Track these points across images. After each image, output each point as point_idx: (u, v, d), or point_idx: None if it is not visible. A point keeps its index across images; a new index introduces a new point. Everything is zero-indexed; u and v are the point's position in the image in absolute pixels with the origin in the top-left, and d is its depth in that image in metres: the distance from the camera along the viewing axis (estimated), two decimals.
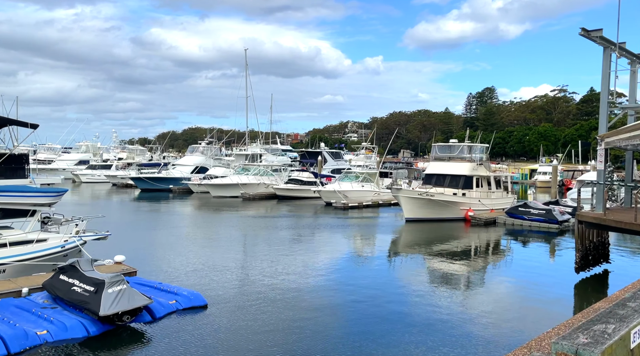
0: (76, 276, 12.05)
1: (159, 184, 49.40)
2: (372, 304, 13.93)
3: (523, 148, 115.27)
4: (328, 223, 30.97)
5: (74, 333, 10.71)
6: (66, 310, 11.70)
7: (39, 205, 15.20)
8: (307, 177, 45.30)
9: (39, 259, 14.34)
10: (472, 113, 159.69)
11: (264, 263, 18.65)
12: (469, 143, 33.83)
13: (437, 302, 14.23)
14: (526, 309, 13.96)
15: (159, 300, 12.75)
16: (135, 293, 11.75)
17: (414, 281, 16.78)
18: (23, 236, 14.40)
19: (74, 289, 11.78)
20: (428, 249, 22.87)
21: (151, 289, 13.64)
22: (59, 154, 74.25)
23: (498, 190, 34.10)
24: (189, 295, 13.26)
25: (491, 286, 16.86)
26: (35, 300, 12.32)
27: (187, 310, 12.86)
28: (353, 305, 13.78)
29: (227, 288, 15.15)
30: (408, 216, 30.29)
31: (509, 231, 28.38)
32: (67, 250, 15.41)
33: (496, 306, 14.12)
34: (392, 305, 13.88)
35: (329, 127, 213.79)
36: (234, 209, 37.00)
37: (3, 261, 13.56)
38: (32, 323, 10.86)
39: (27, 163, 18.33)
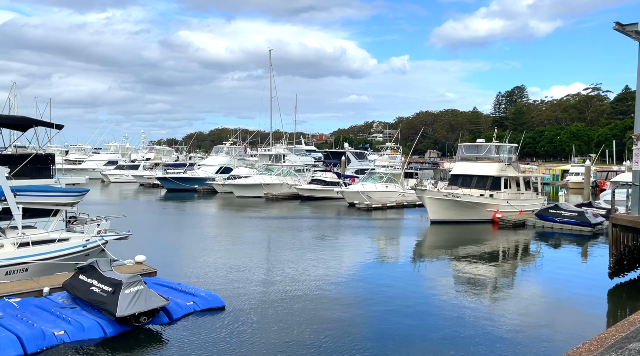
0: (95, 277, 12.03)
1: (184, 184, 49.85)
2: (395, 308, 13.52)
3: (554, 148, 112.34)
4: (350, 224, 30.60)
5: (91, 334, 10.66)
6: (85, 310, 11.68)
7: (61, 205, 15.33)
8: (330, 177, 44.99)
9: (61, 259, 14.44)
10: (502, 112, 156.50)
11: (284, 265, 18.43)
12: (496, 143, 32.91)
13: (463, 308, 13.73)
14: (556, 317, 13.35)
15: (176, 301, 12.64)
16: (153, 294, 11.65)
17: (439, 286, 16.32)
18: (45, 236, 14.52)
19: (92, 290, 11.76)
20: (454, 252, 22.27)
21: (169, 290, 13.56)
22: (89, 155, 75.87)
23: (527, 191, 33.08)
24: (206, 296, 13.11)
25: (519, 291, 16.22)
26: (56, 300, 12.35)
27: (205, 311, 12.71)
28: (376, 310, 13.40)
29: (246, 289, 14.96)
30: (433, 217, 29.65)
31: (539, 233, 27.46)
32: (89, 250, 15.49)
33: (525, 313, 13.53)
34: (416, 309, 13.46)
35: (354, 128, 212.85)
36: (256, 210, 36.97)
37: (25, 260, 13.66)
38: (51, 323, 10.85)
39: (52, 163, 18.59)
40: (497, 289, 16.27)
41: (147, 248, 20.67)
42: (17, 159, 17.75)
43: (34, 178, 17.86)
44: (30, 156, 17.72)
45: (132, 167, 62.21)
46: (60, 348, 10.11)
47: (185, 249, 21.31)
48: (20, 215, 14.03)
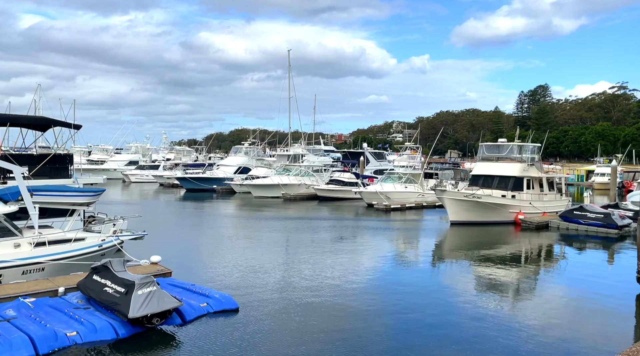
0: (108, 277, 11.96)
1: (203, 184, 50.05)
2: (414, 314, 13.15)
3: (579, 148, 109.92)
4: (368, 225, 30.22)
5: (103, 335, 10.56)
6: (98, 311, 11.61)
7: (77, 205, 15.34)
8: (348, 178, 44.61)
9: (77, 259, 14.43)
10: (524, 112, 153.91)
11: (300, 267, 18.19)
12: (519, 142, 32.12)
13: (484, 313, 13.30)
14: (581, 325, 12.82)
15: (190, 302, 12.50)
16: (165, 295, 11.52)
17: (459, 290, 15.87)
18: (61, 235, 14.54)
19: (105, 290, 11.68)
20: (475, 255, 21.74)
21: (183, 291, 13.44)
22: (111, 155, 76.91)
23: (551, 192, 32.23)
24: (220, 298, 12.94)
25: (542, 296, 15.69)
26: (70, 300, 12.32)
27: (218, 313, 12.54)
28: (394, 313, 13.06)
29: (261, 291, 14.75)
30: (453, 218, 29.09)
31: (563, 236, 26.70)
32: (104, 250, 15.48)
33: (548, 318, 13.03)
34: (436, 317, 13.03)
35: (374, 128, 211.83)
36: (273, 210, 36.84)
37: (41, 260, 13.68)
38: (64, 323, 10.79)
39: (71, 163, 18.75)
40: (519, 294, 15.79)
41: (163, 248, 20.66)
42: (36, 159, 17.97)
43: (52, 177, 18.06)
44: (49, 156, 17.91)
45: (153, 168, 62.77)
46: (72, 350, 10.03)
47: (201, 250, 21.25)
48: (37, 215, 14.07)
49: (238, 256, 20.00)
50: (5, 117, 17.05)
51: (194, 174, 52.16)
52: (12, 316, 10.83)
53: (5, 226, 13.63)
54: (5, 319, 10.65)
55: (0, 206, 13.63)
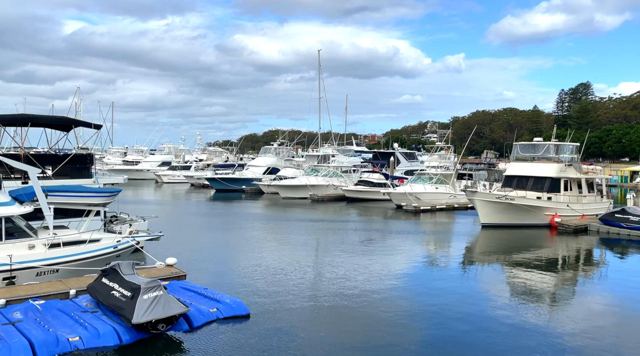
0: (116, 280, 11.67)
1: (232, 184, 50.10)
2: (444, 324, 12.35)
3: (623, 148, 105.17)
4: (394, 227, 29.36)
5: (106, 341, 10.24)
6: (106, 315, 11.33)
7: (93, 205, 15.20)
8: (377, 178, 43.71)
9: (91, 260, 14.26)
10: (565, 111, 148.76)
11: (320, 272, 17.58)
12: (555, 142, 30.53)
13: (519, 321, 12.61)
14: (623, 333, 11.97)
15: (200, 307, 12.09)
16: (172, 300, 11.13)
17: (491, 295, 15.11)
18: (76, 236, 14.40)
19: (113, 294, 11.39)
20: (507, 259, 20.72)
21: (195, 295, 13.05)
22: (146, 156, 78.29)
23: (591, 194, 30.53)
24: (231, 303, 12.47)
25: (582, 303, 14.79)
26: (80, 303, 12.10)
27: (228, 319, 12.07)
28: (421, 325, 12.29)
29: (276, 296, 14.20)
30: (484, 221, 27.89)
31: (603, 240, 25.17)
32: (120, 251, 15.27)
33: (588, 327, 12.19)
34: (467, 326, 12.25)
35: (407, 128, 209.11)
36: (300, 211, 36.35)
37: (53, 262, 13.56)
38: (68, 327, 10.54)
39: (91, 163, 18.72)
40: (556, 301, 14.93)
41: (183, 249, 20.46)
42: (57, 159, 18.01)
43: (73, 177, 18.08)
44: (69, 156, 17.93)
45: (185, 168, 63.45)
46: (73, 355, 9.74)
47: (220, 252, 20.90)
48: (52, 216, 13.97)
49: (258, 259, 19.56)
50: (26, 117, 17.16)
51: (223, 174, 52.33)
52: (17, 319, 10.66)
53: (20, 227, 13.57)
54: (11, 322, 10.47)
55: (16, 207, 13.58)
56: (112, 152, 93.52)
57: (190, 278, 15.01)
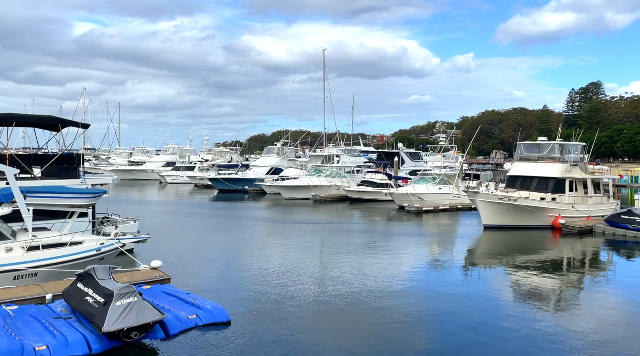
0: (90, 285, 11.22)
1: (235, 185, 49.75)
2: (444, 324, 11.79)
3: (634, 148, 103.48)
4: (395, 229, 28.76)
5: (75, 350, 9.80)
6: (79, 322, 10.89)
7: (75, 206, 14.78)
8: (380, 179, 43.10)
9: (73, 263, 13.84)
10: (575, 110, 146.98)
11: (316, 273, 17.02)
12: (560, 141, 29.73)
13: (525, 321, 12.46)
14: (632, 336, 11.67)
15: (179, 313, 11.62)
16: (147, 307, 10.65)
17: (494, 298, 14.67)
18: (57, 239, 14.00)
19: (86, 300, 10.94)
20: (509, 261, 20.13)
21: (176, 301, 12.59)
22: (151, 156, 78.25)
23: (597, 195, 29.70)
24: (211, 309, 11.98)
25: (587, 306, 14.29)
26: (55, 309, 11.69)
27: (208, 326, 11.58)
28: (420, 324, 11.73)
29: (261, 302, 13.67)
30: (486, 222, 27.20)
31: (609, 242, 24.42)
32: (103, 254, 14.84)
33: (594, 329, 11.94)
34: (469, 331, 11.79)
35: (416, 128, 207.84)
36: (301, 212, 35.84)
37: (34, 265, 13.17)
38: (37, 335, 10.11)
39: (79, 164, 18.35)
40: (560, 304, 14.55)
41: (172, 251, 20.07)
42: (44, 159, 17.67)
43: (60, 178, 17.71)
44: (55, 156, 17.58)
45: (188, 168, 63.24)
46: None
47: (209, 255, 20.27)
48: (31, 217, 13.58)
49: (249, 262, 19.07)
50: (10, 116, 16.84)
51: (226, 175, 52.00)
52: None
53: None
54: None
55: None
56: (119, 153, 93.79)
57: (174, 281, 14.58)
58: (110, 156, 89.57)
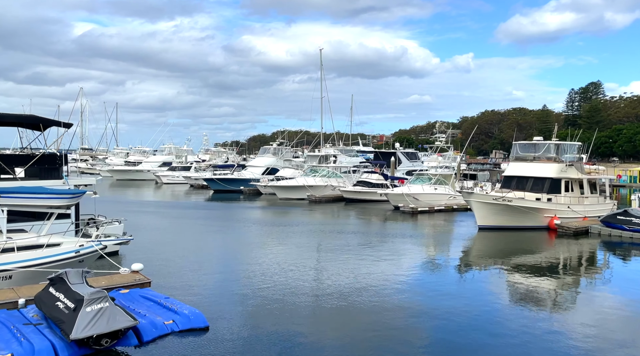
0: (62, 290, 10.83)
1: (230, 185, 49.36)
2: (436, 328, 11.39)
3: (634, 148, 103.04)
4: (388, 230, 28.39)
5: None
6: (50, 328, 10.51)
7: (53, 207, 14.38)
8: (376, 179, 42.69)
9: (49, 266, 13.45)
10: (575, 110, 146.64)
11: (302, 277, 16.59)
12: (556, 141, 29.31)
13: (520, 322, 12.35)
14: (627, 338, 11.48)
15: (155, 319, 11.22)
16: (119, 313, 10.26)
17: (489, 302, 14.30)
18: (33, 240, 13.62)
19: (57, 305, 10.56)
20: (505, 263, 19.82)
21: (154, 305, 12.20)
22: (148, 156, 77.86)
23: (593, 195, 29.30)
24: (189, 315, 11.59)
25: (582, 308, 14.13)
26: (27, 314, 11.31)
27: (185, 332, 11.18)
28: (412, 329, 11.32)
29: (243, 307, 13.29)
30: (481, 223, 26.81)
31: (605, 243, 24.04)
32: (83, 256, 14.44)
33: (588, 330, 11.74)
34: (463, 327, 11.57)
35: (416, 128, 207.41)
36: (295, 213, 35.44)
37: (7, 267, 12.78)
38: (3, 343, 9.73)
39: (61, 163, 17.97)
40: (554, 305, 14.35)
41: (156, 253, 19.68)
42: (25, 160, 17.29)
43: (42, 178, 17.33)
44: (37, 157, 17.20)
45: (185, 169, 62.86)
46: None
47: (195, 257, 19.53)
48: (5, 218, 13.20)
49: (235, 264, 18.68)
50: None
51: (222, 175, 51.61)
52: None
53: None
54: None
55: None
56: (116, 153, 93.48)
57: (156, 285, 14.21)
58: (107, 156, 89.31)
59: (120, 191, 52.83)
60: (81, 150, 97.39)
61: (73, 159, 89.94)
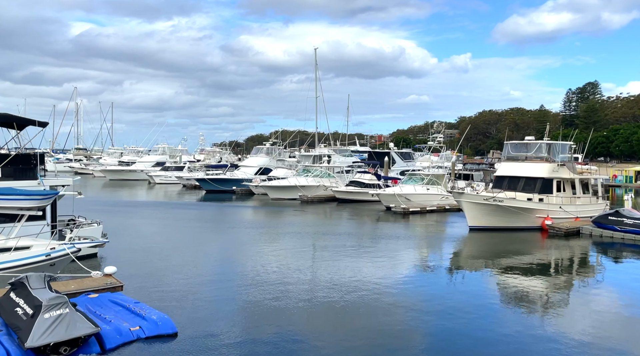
0: (22, 295, 10.41)
1: (222, 185, 48.88)
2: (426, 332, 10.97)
3: (631, 148, 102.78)
4: (377, 230, 27.96)
5: None
6: (8, 336, 10.07)
7: (25, 209, 13.94)
8: (369, 179, 42.27)
9: (16, 270, 12.99)
10: (572, 110, 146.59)
11: (282, 281, 16.15)
12: (547, 140, 28.90)
13: (509, 324, 12.29)
14: (617, 339, 11.33)
15: (121, 325, 10.79)
16: (79, 320, 9.83)
17: (479, 304, 13.99)
18: (1, 243, 13.17)
19: (16, 311, 10.14)
20: (496, 264, 19.53)
21: (122, 311, 11.76)
22: (141, 156, 77.33)
23: (585, 195, 28.92)
24: (157, 320, 11.15)
25: (576, 309, 13.92)
26: None
27: (152, 338, 10.74)
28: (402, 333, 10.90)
29: (215, 312, 12.84)
30: (472, 224, 26.41)
31: (596, 243, 23.68)
32: (53, 259, 13.99)
33: (582, 330, 11.48)
34: (454, 336, 11.27)
35: (414, 128, 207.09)
36: (285, 214, 35.00)
37: None
38: None
39: (37, 163, 17.53)
40: (546, 307, 14.11)
41: (134, 256, 19.22)
42: None
43: (17, 179, 16.88)
44: (10, 157, 16.76)
45: (178, 169, 62.37)
46: None
47: (174, 260, 18.79)
48: None
49: (215, 267, 18.16)
50: None
51: (214, 175, 51.14)
52: None
53: None
54: None
55: None
56: (110, 153, 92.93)
57: (129, 289, 13.77)
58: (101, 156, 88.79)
59: (112, 191, 52.34)
60: (75, 150, 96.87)
61: (67, 159, 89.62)
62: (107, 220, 27.30)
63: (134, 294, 13.29)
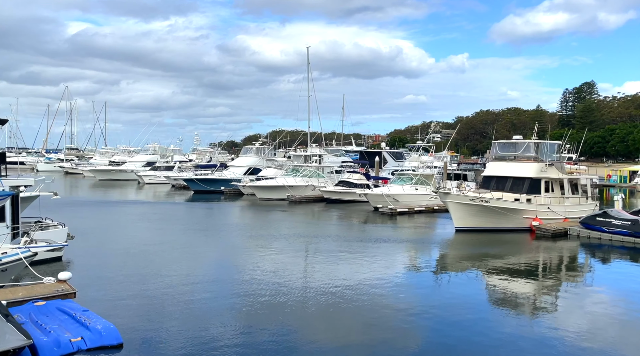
0: None
1: (211, 185, 48.10)
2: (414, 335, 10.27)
3: (627, 148, 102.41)
4: (363, 232, 27.29)
5: None
6: None
7: None
8: (358, 179, 41.56)
9: None
10: (569, 110, 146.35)
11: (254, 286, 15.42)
12: (535, 140, 28.21)
13: (499, 331, 11.82)
14: (605, 341, 11.11)
15: (62, 336, 10.05)
16: (9, 331, 9.12)
17: (465, 307, 13.59)
18: None
19: None
20: (481, 266, 19.03)
21: (67, 320, 11.02)
22: (132, 156, 76.51)
23: (575, 195, 28.25)
24: (101, 330, 10.41)
25: (563, 312, 13.61)
26: None
27: (94, 350, 10.01)
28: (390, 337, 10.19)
29: (169, 321, 12.06)
30: (458, 225, 25.72)
31: (584, 245, 23.08)
32: (5, 264, 13.24)
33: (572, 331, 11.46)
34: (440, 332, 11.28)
35: (411, 128, 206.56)
36: (271, 214, 34.30)
37: None
38: None
39: None
40: (535, 308, 13.93)
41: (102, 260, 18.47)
42: None
43: None
44: None
45: (168, 169, 61.60)
46: None
47: (138, 265, 17.79)
48: None
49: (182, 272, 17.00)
50: None
51: (203, 175, 50.37)
52: None
53: None
54: None
55: None
56: (102, 153, 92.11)
57: (83, 296, 12.99)
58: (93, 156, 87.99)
59: (98, 191, 51.55)
60: (67, 150, 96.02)
61: (59, 159, 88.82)
62: (82, 221, 26.78)
63: (87, 302, 12.51)
